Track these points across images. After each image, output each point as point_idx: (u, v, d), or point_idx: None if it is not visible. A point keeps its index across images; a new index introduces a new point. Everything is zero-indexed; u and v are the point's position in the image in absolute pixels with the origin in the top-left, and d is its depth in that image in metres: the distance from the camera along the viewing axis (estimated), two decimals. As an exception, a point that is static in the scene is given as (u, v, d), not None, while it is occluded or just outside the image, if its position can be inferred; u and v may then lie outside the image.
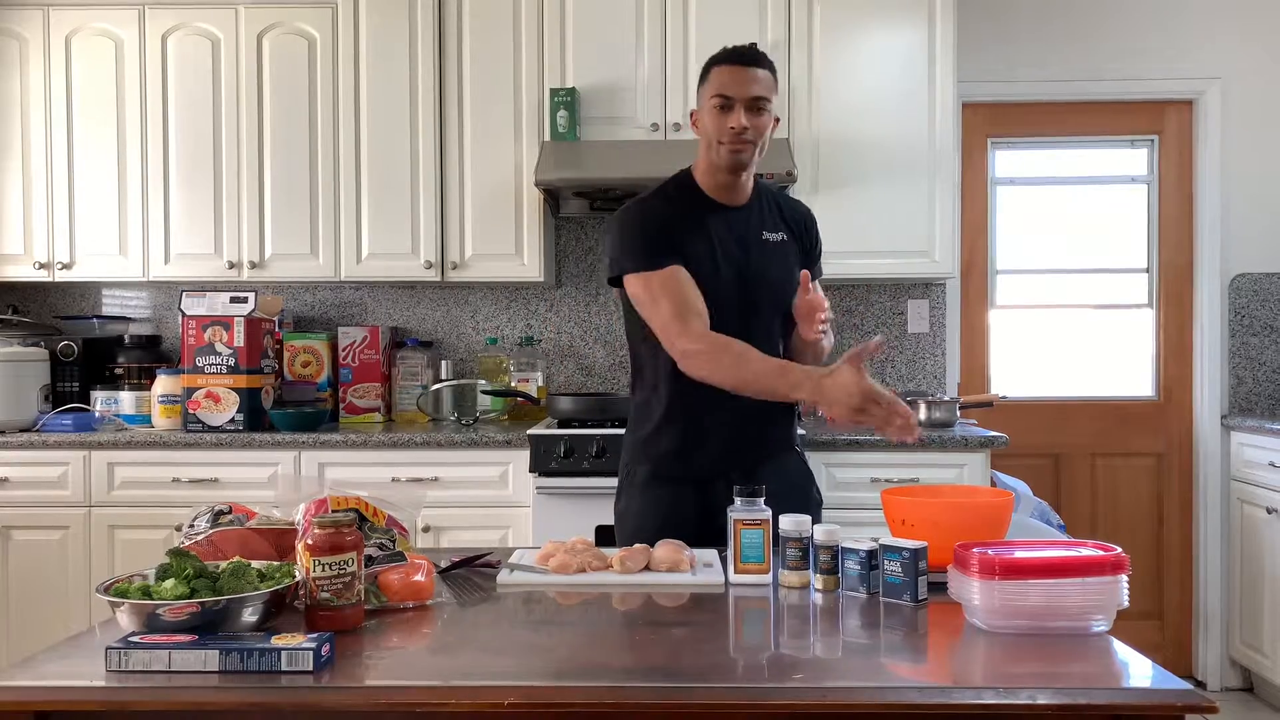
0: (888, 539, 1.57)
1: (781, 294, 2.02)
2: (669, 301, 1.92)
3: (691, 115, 2.07)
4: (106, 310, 3.87)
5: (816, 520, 1.78)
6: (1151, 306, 3.90)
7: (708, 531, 1.95)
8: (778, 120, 2.05)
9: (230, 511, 1.69)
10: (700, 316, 1.92)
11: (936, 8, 3.34)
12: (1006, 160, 3.92)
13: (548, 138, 3.35)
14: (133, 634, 1.27)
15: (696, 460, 2.04)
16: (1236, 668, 3.74)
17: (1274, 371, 3.79)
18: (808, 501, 2.09)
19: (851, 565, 1.57)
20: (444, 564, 1.74)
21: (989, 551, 1.39)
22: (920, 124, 3.35)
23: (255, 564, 1.43)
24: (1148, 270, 3.90)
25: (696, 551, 1.78)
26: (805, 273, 1.97)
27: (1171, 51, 3.79)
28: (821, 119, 3.36)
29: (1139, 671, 1.25)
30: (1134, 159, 3.92)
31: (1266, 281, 3.78)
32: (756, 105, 1.95)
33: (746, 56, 1.98)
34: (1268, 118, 3.78)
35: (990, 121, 3.87)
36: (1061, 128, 3.88)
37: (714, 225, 2.00)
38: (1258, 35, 3.78)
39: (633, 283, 1.99)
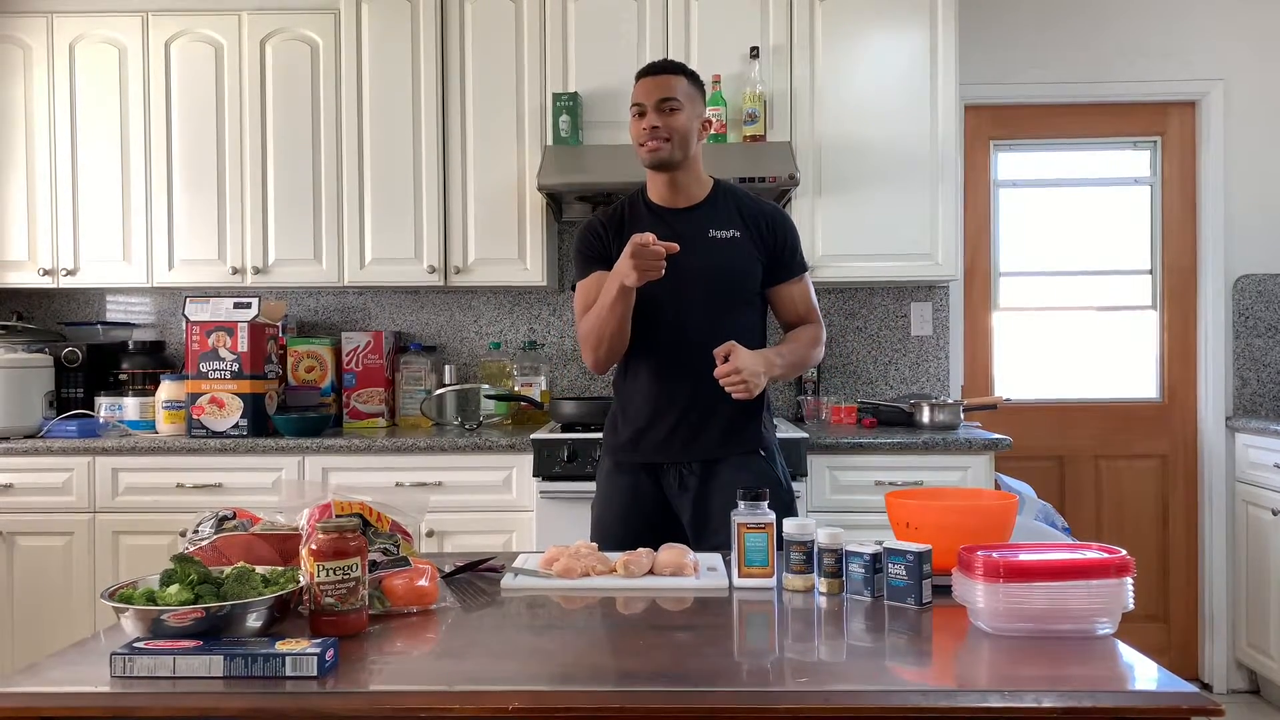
0: (892, 542, 1.57)
1: (729, 285, 2.21)
2: (580, 300, 2.26)
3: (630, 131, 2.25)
4: (110, 316, 3.88)
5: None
6: (1155, 308, 3.89)
7: (664, 518, 2.22)
8: (709, 122, 2.28)
9: (234, 517, 1.69)
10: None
11: (938, 11, 3.34)
12: (1009, 162, 3.92)
13: (550, 142, 3.35)
14: (137, 640, 1.27)
15: (645, 447, 2.23)
16: (1242, 670, 3.73)
17: (1278, 373, 3.78)
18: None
19: (856, 568, 1.57)
20: (448, 568, 1.74)
21: (993, 554, 1.39)
22: (922, 127, 3.34)
23: (259, 569, 1.43)
24: (1151, 272, 3.89)
25: (700, 555, 1.79)
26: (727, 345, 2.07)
27: (1174, 53, 3.78)
28: (824, 122, 3.36)
29: (1144, 674, 1.24)
30: (1137, 161, 3.91)
31: (1270, 283, 3.78)
32: (667, 106, 2.15)
33: (655, 67, 2.21)
34: (1270, 119, 3.78)
35: (992, 124, 3.86)
36: (1064, 130, 3.87)
37: (655, 229, 2.16)
38: (1260, 37, 3.77)
39: (576, 292, 2.30)
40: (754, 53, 3.32)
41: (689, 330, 2.18)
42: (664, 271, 2.00)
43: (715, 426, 2.20)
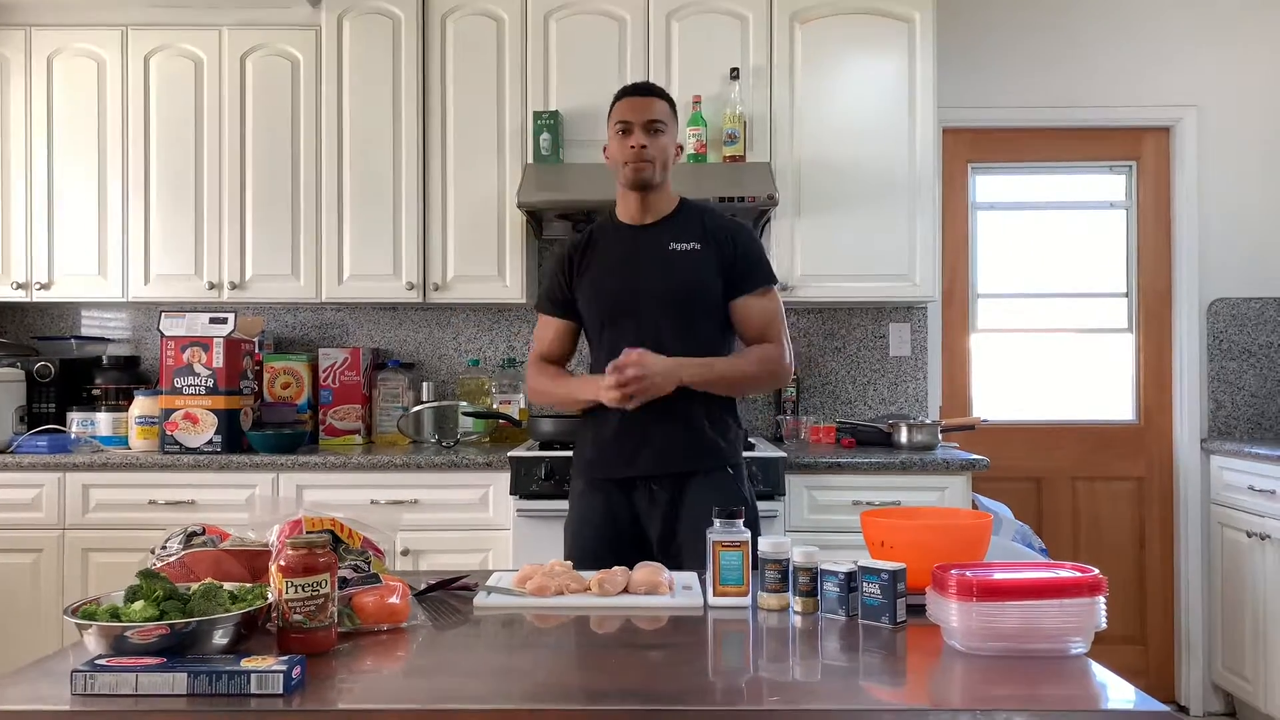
0: (867, 561, 1.56)
1: (686, 297, 2.22)
2: (538, 334, 2.42)
3: (604, 150, 2.30)
4: (85, 331, 3.84)
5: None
6: (1131, 331, 3.92)
7: (637, 536, 2.21)
8: (681, 148, 2.31)
9: (203, 533, 1.67)
10: (547, 356, 2.39)
11: (917, 34, 3.37)
12: (987, 185, 3.95)
13: (530, 160, 3.36)
14: (100, 657, 1.25)
15: (616, 462, 2.23)
16: (1219, 692, 3.74)
17: (1252, 395, 3.81)
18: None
19: (830, 587, 1.56)
20: (421, 586, 1.72)
21: (967, 573, 1.39)
22: (901, 149, 3.37)
23: (227, 586, 1.41)
24: (1127, 295, 3.93)
25: (675, 574, 1.78)
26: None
27: (1149, 79, 3.83)
28: (803, 144, 3.37)
29: (1118, 694, 1.24)
30: (1113, 184, 3.96)
31: (1244, 306, 3.82)
32: (653, 127, 2.20)
33: (642, 89, 2.26)
34: (1243, 144, 3.83)
35: (971, 147, 3.90)
36: (1041, 153, 3.91)
37: (620, 246, 2.27)
38: (1233, 64, 3.83)
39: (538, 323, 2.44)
40: (734, 74, 3.34)
41: (650, 343, 2.18)
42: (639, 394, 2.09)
43: (683, 440, 2.20)
